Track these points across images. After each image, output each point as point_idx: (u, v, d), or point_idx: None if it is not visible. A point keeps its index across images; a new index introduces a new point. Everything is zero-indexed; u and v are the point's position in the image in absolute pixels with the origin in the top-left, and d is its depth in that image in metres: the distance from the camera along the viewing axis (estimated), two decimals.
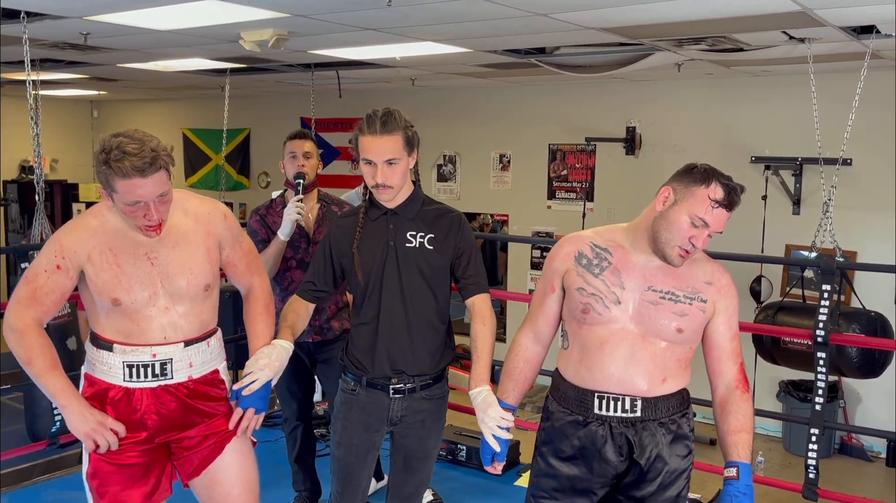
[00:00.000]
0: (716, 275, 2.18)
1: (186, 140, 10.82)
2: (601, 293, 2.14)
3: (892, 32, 4.36)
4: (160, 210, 2.12)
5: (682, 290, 2.13)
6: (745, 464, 2.10)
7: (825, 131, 4.79)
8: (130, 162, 2.00)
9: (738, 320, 2.21)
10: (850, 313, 4.26)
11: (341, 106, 7.91)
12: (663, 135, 7.24)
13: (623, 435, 2.13)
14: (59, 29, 4.77)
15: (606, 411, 2.13)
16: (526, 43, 5.25)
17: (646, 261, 2.16)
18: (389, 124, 2.34)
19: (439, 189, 8.60)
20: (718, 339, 2.18)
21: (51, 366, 2.15)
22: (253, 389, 2.29)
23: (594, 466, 2.16)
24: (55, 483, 3.86)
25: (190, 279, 2.23)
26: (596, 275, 2.16)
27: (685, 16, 4.09)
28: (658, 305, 2.11)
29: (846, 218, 5.84)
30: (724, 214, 2.07)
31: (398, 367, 2.45)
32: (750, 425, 2.14)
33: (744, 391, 2.17)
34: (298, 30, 4.67)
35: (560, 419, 2.21)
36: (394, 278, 2.43)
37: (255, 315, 2.44)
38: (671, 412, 2.16)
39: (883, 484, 6.05)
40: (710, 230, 2.07)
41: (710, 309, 2.15)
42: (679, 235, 2.07)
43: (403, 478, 2.56)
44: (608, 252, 2.19)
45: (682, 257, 2.09)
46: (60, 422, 3.75)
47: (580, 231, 2.33)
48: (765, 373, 6.20)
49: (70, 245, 2.16)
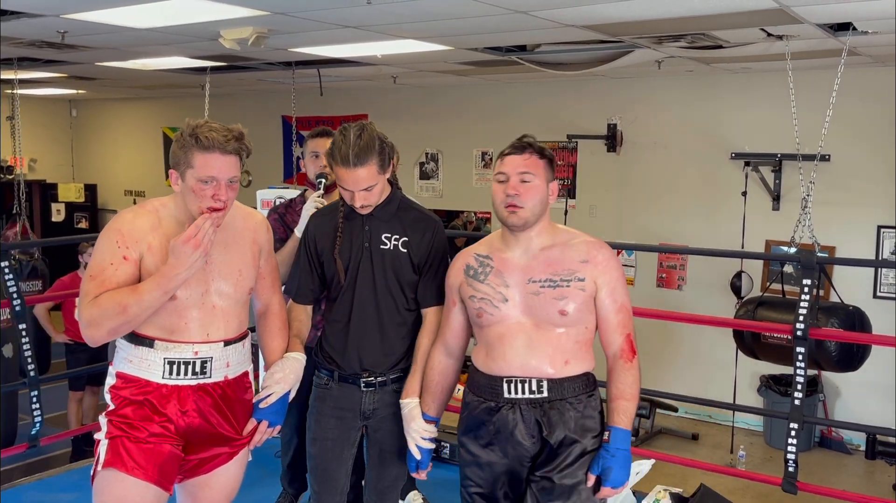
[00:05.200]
0: (591, 252, 2.27)
1: (167, 139, 10.74)
2: (489, 296, 2.27)
3: (868, 29, 4.41)
4: (228, 194, 2.15)
5: (559, 275, 2.23)
6: (620, 429, 2.22)
7: (804, 127, 4.83)
8: (217, 135, 2.10)
9: (623, 292, 2.30)
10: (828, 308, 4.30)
11: (322, 104, 7.89)
12: (644, 132, 7.27)
13: (532, 416, 2.23)
14: (36, 27, 4.72)
15: (515, 394, 2.23)
16: (507, 40, 5.26)
17: (521, 255, 2.28)
18: (362, 156, 2.33)
19: (422, 187, 8.60)
20: (604, 313, 2.27)
21: (133, 291, 2.09)
22: (269, 402, 2.35)
23: (508, 450, 2.26)
24: (37, 485, 3.82)
25: (238, 280, 2.27)
26: (482, 281, 2.29)
27: (664, 13, 4.11)
28: (539, 294, 2.22)
29: (825, 213, 5.89)
30: (515, 159, 2.24)
31: (368, 366, 2.49)
32: (630, 392, 2.25)
33: (626, 360, 2.27)
34: (278, 28, 4.66)
35: (475, 407, 2.31)
36: (367, 279, 2.47)
37: (272, 331, 2.47)
38: (577, 392, 2.25)
39: (862, 476, 6.12)
40: (510, 176, 2.22)
41: (589, 286, 2.24)
42: (494, 199, 2.25)
43: (379, 473, 2.59)
44: (489, 258, 2.32)
45: (513, 213, 2.21)
46: (41, 424, 3.72)
47: (469, 246, 2.44)
48: (745, 367, 6.25)
49: (130, 233, 2.15)
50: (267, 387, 2.38)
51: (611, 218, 7.35)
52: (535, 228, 2.27)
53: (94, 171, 11.62)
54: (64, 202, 11.10)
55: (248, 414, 2.36)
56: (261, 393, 2.38)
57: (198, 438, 2.25)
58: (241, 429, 2.33)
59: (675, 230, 7.04)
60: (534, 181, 2.23)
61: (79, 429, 5.71)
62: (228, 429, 2.29)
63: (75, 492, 3.64)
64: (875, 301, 6.15)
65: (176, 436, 2.21)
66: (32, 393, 3.70)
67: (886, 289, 6.24)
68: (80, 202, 11.16)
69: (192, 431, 2.23)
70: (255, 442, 2.36)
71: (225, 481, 2.34)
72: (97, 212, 11.34)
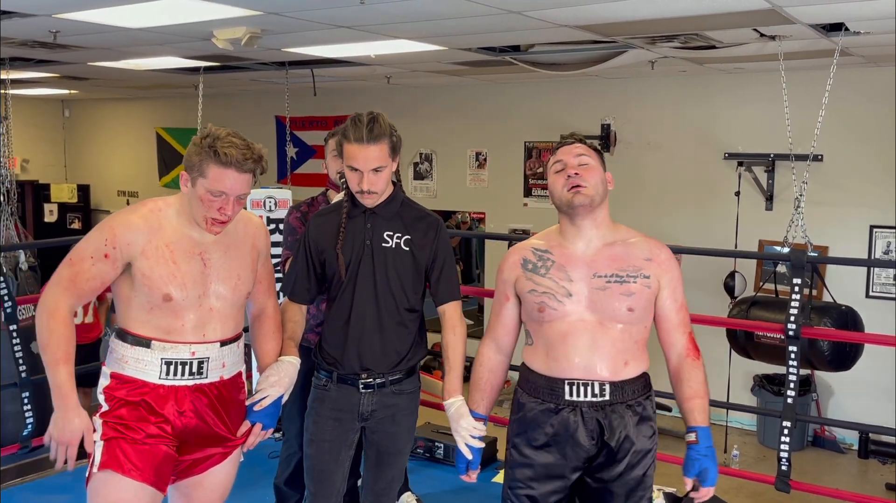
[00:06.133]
0: (654, 251, 2.28)
1: (160, 139, 10.72)
2: (552, 290, 2.23)
3: (860, 29, 4.43)
4: (235, 209, 2.16)
5: (625, 271, 2.22)
6: (703, 427, 2.21)
7: (796, 128, 4.85)
8: (237, 152, 2.09)
9: (682, 292, 2.31)
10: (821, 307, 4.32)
11: (316, 104, 7.88)
12: (638, 132, 7.28)
13: (594, 418, 2.20)
14: (28, 27, 4.71)
15: (577, 397, 2.20)
16: (500, 41, 5.26)
17: (583, 249, 2.25)
18: (376, 132, 2.36)
19: (416, 187, 8.60)
20: (666, 312, 2.27)
21: (63, 360, 2.12)
22: (264, 405, 2.34)
23: (567, 452, 2.22)
24: (30, 486, 3.81)
25: (237, 284, 2.27)
26: (543, 276, 2.25)
27: (657, 13, 4.12)
28: (606, 290, 2.20)
29: (818, 213, 5.91)
30: (569, 148, 2.27)
31: (368, 365, 2.47)
32: (703, 390, 2.24)
33: (694, 359, 2.27)
34: (271, 28, 4.65)
35: (532, 409, 2.27)
36: (368, 277, 2.45)
37: (266, 334, 2.47)
38: (636, 394, 2.23)
39: (855, 475, 6.14)
40: (568, 162, 2.24)
41: (654, 284, 2.24)
42: (554, 190, 2.26)
43: (376, 475, 2.58)
44: (549, 252, 2.28)
45: (578, 192, 2.20)
46: (32, 426, 3.70)
47: (522, 241, 2.43)
48: (739, 367, 6.26)
49: (124, 236, 2.15)
50: (262, 390, 2.37)
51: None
52: (597, 219, 2.25)
53: (87, 171, 11.59)
54: (57, 203, 11.06)
55: (241, 414, 2.36)
56: (255, 395, 2.37)
57: (193, 438, 2.25)
58: (234, 429, 2.32)
59: (668, 230, 7.04)
60: (591, 163, 2.25)
61: None
62: (223, 429, 2.29)
63: (68, 493, 3.62)
64: (868, 300, 6.16)
65: (172, 437, 2.20)
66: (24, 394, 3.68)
67: (879, 288, 6.26)
68: (73, 203, 11.12)
69: (188, 432, 2.23)
70: (249, 444, 2.36)
71: (218, 481, 2.35)
72: (90, 212, 11.30)
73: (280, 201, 4.53)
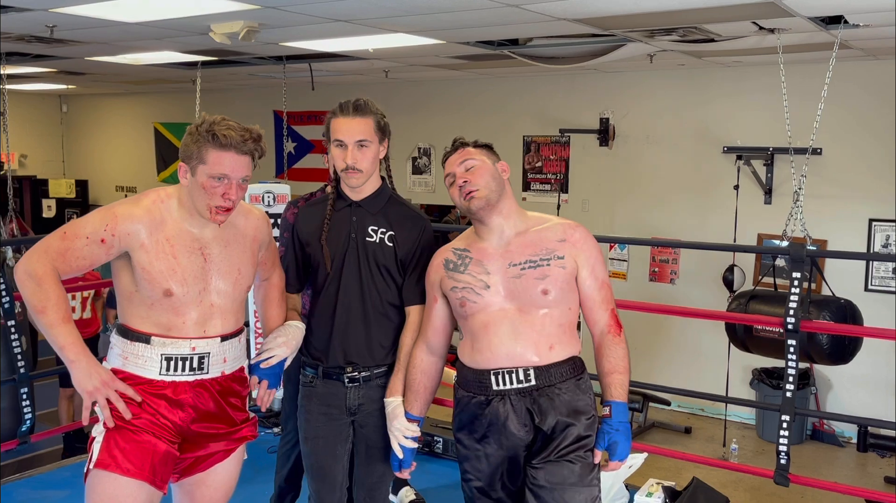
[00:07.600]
0: (567, 231, 2.31)
1: (158, 134, 10.70)
2: (470, 284, 2.29)
3: (860, 22, 4.42)
4: (238, 194, 2.15)
5: (538, 254, 2.26)
6: (619, 402, 2.26)
7: (795, 121, 4.84)
8: (235, 133, 2.09)
9: (603, 269, 2.34)
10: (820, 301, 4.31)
11: (314, 99, 7.86)
12: (637, 126, 7.27)
13: (523, 405, 2.24)
14: (25, 21, 4.69)
15: (503, 385, 2.25)
16: (498, 34, 5.25)
17: (497, 242, 2.32)
18: (362, 108, 2.42)
19: (415, 182, 8.59)
20: (587, 291, 2.31)
21: (64, 319, 2.10)
22: (271, 363, 2.38)
23: (502, 441, 2.27)
24: (29, 482, 3.81)
25: (238, 279, 2.26)
26: (463, 272, 2.32)
27: (656, 6, 4.11)
28: (522, 276, 2.25)
29: (817, 207, 5.90)
30: (453, 158, 2.36)
31: (352, 358, 2.48)
32: (623, 366, 2.29)
33: (615, 335, 2.31)
34: (269, 22, 4.63)
35: (467, 403, 2.33)
36: (353, 270, 2.46)
37: (272, 300, 2.51)
38: (565, 377, 2.26)
39: (854, 468, 6.15)
40: (455, 171, 2.33)
41: (569, 264, 2.27)
42: (455, 202, 2.35)
43: (367, 469, 2.58)
44: (467, 251, 2.35)
45: (471, 198, 2.26)
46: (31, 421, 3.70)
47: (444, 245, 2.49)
48: (738, 361, 6.26)
49: (125, 226, 2.13)
50: (269, 349, 2.40)
51: (603, 212, 7.35)
52: (502, 212, 2.31)
53: (85, 166, 11.58)
54: (55, 198, 11.05)
55: (243, 409, 2.35)
56: (262, 354, 2.39)
57: (194, 435, 2.24)
58: (237, 424, 2.31)
59: (667, 224, 7.04)
60: (476, 164, 2.31)
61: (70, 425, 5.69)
62: (225, 425, 2.28)
63: (67, 489, 3.63)
64: (867, 294, 6.16)
65: (172, 433, 2.19)
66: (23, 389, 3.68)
67: (878, 282, 6.26)
68: (71, 198, 11.12)
69: (189, 427, 2.22)
70: (262, 399, 2.37)
71: (222, 479, 2.33)
72: (88, 207, 11.28)
73: (279, 196, 4.53)
